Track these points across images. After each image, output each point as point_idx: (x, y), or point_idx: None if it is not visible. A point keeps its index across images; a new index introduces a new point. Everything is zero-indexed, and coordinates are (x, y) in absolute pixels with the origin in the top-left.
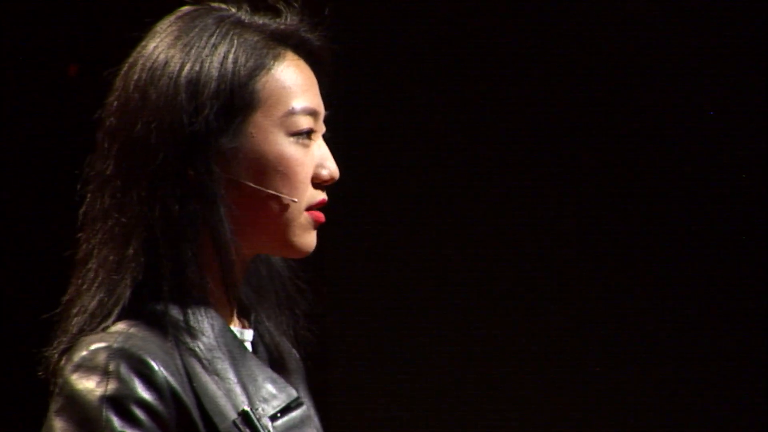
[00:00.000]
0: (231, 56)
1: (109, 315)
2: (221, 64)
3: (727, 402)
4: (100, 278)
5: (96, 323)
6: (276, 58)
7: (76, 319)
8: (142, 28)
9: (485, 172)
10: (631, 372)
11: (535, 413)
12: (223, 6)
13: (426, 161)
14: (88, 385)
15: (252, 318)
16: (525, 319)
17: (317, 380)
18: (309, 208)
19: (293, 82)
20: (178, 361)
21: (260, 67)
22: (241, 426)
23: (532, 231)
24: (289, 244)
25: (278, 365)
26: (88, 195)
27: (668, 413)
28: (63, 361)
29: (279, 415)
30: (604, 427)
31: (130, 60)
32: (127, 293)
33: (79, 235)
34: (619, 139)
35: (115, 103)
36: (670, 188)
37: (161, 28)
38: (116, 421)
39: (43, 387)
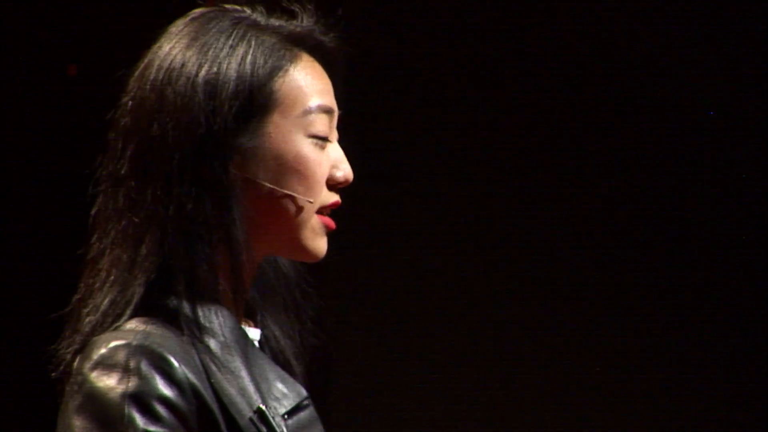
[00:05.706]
0: (249, 58)
1: (121, 314)
2: (239, 65)
3: (727, 402)
4: (112, 277)
5: (109, 322)
6: (293, 59)
7: (88, 318)
8: (145, 29)
9: (487, 173)
10: (631, 372)
11: (536, 413)
12: (238, 8)
13: (429, 162)
14: (109, 382)
15: (258, 318)
16: (525, 319)
17: (318, 382)
18: (320, 211)
19: (310, 83)
20: (196, 358)
21: (278, 69)
22: (258, 424)
23: (533, 231)
24: (301, 247)
25: (283, 368)
26: (100, 195)
27: (668, 413)
28: (78, 360)
29: (290, 414)
30: (605, 427)
31: (145, 61)
32: (140, 292)
33: (92, 234)
34: (620, 140)
35: (130, 103)
36: (670, 188)
37: (175, 29)
38: (138, 419)
39: (52, 386)
